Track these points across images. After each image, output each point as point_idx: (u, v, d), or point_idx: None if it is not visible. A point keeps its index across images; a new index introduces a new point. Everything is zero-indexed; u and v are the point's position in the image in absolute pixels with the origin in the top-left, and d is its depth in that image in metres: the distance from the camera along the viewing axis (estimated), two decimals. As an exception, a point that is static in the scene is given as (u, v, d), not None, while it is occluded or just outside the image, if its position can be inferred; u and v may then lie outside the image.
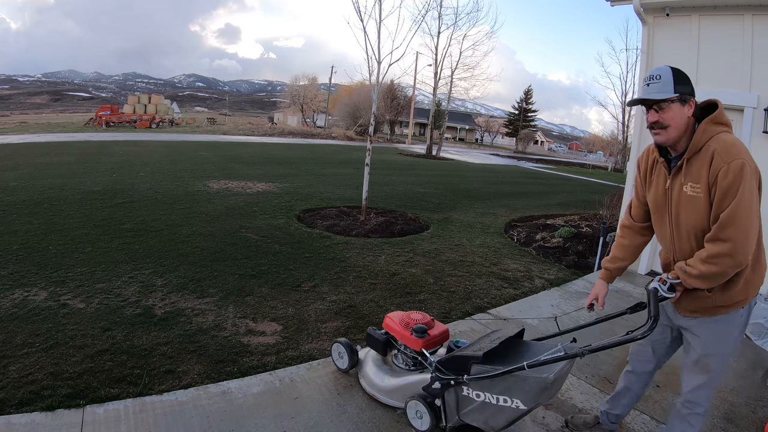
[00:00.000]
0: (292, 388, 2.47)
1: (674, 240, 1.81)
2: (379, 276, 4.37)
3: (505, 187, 13.18)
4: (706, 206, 1.65)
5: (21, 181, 7.79)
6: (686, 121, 1.69)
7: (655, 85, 1.69)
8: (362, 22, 6.20)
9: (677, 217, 1.76)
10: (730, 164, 1.57)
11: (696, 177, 1.66)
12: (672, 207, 1.77)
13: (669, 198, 1.78)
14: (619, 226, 2.10)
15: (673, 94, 1.66)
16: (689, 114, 1.69)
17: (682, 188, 1.72)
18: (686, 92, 1.68)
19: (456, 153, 31.18)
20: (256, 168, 11.85)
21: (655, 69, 1.72)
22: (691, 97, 1.69)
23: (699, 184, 1.65)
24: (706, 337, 1.81)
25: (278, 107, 78.37)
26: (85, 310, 3.15)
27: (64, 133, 20.22)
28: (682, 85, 1.67)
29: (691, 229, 1.72)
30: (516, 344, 2.13)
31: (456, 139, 60.55)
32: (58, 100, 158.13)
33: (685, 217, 1.72)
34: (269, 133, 31.10)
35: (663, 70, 1.70)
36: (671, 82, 1.67)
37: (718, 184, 1.59)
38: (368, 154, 6.62)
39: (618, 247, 2.08)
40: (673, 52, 4.87)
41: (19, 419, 2.03)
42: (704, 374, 1.82)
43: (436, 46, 24.08)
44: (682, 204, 1.73)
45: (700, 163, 1.66)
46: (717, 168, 1.59)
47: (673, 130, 1.70)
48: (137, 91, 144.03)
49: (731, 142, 1.63)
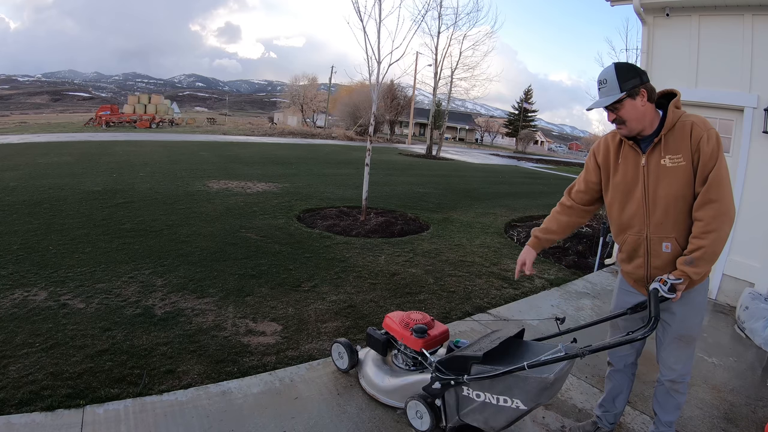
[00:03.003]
0: (292, 388, 2.47)
1: (647, 214, 1.87)
2: (379, 276, 4.37)
3: (505, 187, 13.18)
4: (688, 173, 1.76)
5: (21, 181, 7.79)
6: (643, 110, 1.80)
7: (604, 89, 1.80)
8: (362, 22, 6.21)
9: (654, 191, 1.84)
10: (709, 132, 1.73)
11: (675, 149, 1.78)
12: (649, 182, 1.85)
13: (645, 174, 1.85)
14: (558, 204, 2.20)
15: (620, 93, 1.77)
16: (643, 103, 1.79)
17: (660, 162, 1.81)
18: (634, 85, 1.76)
19: (456, 153, 31.18)
20: (256, 168, 11.85)
21: (602, 72, 1.82)
22: (640, 88, 1.77)
23: (679, 155, 1.77)
24: (684, 312, 1.91)
25: (278, 107, 78.35)
26: (85, 310, 3.15)
27: (64, 133, 20.23)
28: (628, 81, 1.76)
29: (671, 199, 1.80)
30: (516, 344, 2.13)
31: (456, 139, 60.55)
32: (58, 100, 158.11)
33: (665, 188, 1.81)
34: (269, 133, 31.10)
35: (608, 72, 1.79)
36: (616, 82, 1.77)
37: (701, 150, 1.72)
38: (368, 154, 6.62)
39: (554, 222, 2.20)
40: (673, 53, 4.86)
41: (19, 419, 2.03)
42: (689, 345, 1.96)
43: (436, 46, 24.12)
44: (661, 176, 1.81)
45: (677, 136, 1.78)
46: (699, 136, 1.73)
47: (633, 122, 1.81)
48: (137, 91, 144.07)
49: (700, 117, 1.79)
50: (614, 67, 1.79)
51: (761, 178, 4.28)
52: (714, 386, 2.87)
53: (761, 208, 4.26)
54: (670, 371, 1.99)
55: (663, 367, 2.02)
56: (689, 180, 1.76)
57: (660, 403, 2.08)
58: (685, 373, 2.00)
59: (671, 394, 2.03)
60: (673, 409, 2.05)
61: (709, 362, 3.21)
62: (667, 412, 2.06)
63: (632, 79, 1.76)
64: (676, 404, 2.04)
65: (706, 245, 1.71)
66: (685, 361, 1.98)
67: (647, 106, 1.80)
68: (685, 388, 2.03)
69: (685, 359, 1.97)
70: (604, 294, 4.47)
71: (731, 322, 3.99)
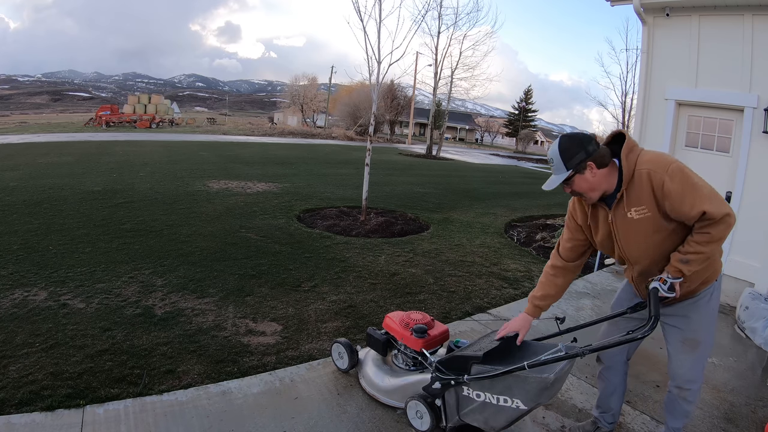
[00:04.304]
0: (292, 388, 2.47)
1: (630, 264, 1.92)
2: (379, 276, 4.37)
3: (505, 187, 13.18)
4: (656, 221, 1.74)
5: (21, 181, 7.79)
6: (595, 180, 1.77)
7: (553, 166, 1.81)
8: (362, 22, 6.21)
9: (628, 244, 1.85)
10: (668, 172, 1.66)
11: (637, 201, 1.74)
12: (619, 237, 1.85)
13: (614, 230, 1.86)
14: (551, 266, 2.11)
15: (566, 172, 1.77)
16: (593, 174, 1.76)
17: (626, 216, 1.78)
18: (579, 161, 1.75)
19: (456, 153, 31.18)
20: (256, 168, 11.85)
21: (550, 149, 1.83)
22: (587, 162, 1.75)
23: (643, 206, 1.74)
24: (690, 315, 1.90)
25: (278, 107, 78.33)
26: (85, 310, 3.15)
27: (64, 133, 20.23)
28: (572, 159, 1.75)
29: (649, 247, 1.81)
30: (516, 344, 2.13)
31: (456, 139, 60.54)
32: (58, 100, 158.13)
33: (635, 238, 1.81)
34: (269, 133, 31.09)
35: (553, 151, 1.80)
36: (561, 162, 1.77)
37: (669, 196, 1.67)
38: (368, 154, 6.62)
39: (552, 286, 2.08)
40: (673, 53, 4.87)
41: (19, 419, 2.03)
42: (694, 350, 1.91)
43: (436, 46, 24.09)
44: (631, 229, 1.80)
45: (637, 188, 1.73)
46: (660, 182, 1.67)
47: (590, 191, 1.80)
48: (137, 91, 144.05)
49: (654, 156, 1.73)
50: (558, 145, 1.79)
51: (761, 178, 4.28)
52: (714, 386, 2.87)
53: (761, 208, 4.26)
54: (675, 376, 1.99)
55: (669, 371, 2.02)
56: (659, 225, 1.74)
57: (667, 407, 2.08)
58: (691, 380, 1.96)
59: (678, 401, 2.01)
60: (681, 416, 2.03)
61: (709, 362, 3.20)
62: (674, 418, 2.05)
63: (576, 155, 1.75)
64: (684, 411, 2.02)
65: (707, 252, 1.70)
66: (689, 366, 1.94)
67: (598, 174, 1.76)
68: (693, 396, 1.98)
69: (689, 365, 1.94)
70: (604, 294, 4.47)
71: (731, 322, 3.99)
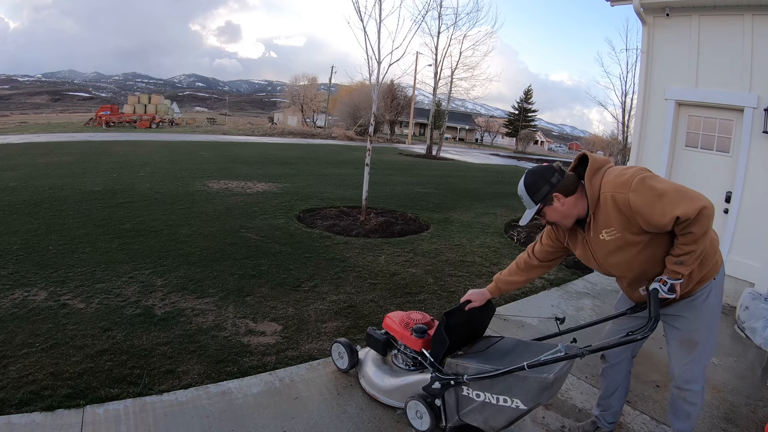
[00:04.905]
0: (292, 388, 2.48)
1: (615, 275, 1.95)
2: (379, 276, 4.37)
3: (505, 187, 13.17)
4: (626, 239, 1.76)
5: (21, 181, 7.79)
6: (564, 209, 1.82)
7: (524, 202, 1.88)
8: (362, 22, 6.20)
9: (607, 263, 1.88)
10: (631, 188, 1.66)
11: (606, 223, 1.77)
12: (598, 257, 1.89)
13: (591, 251, 1.90)
14: (524, 262, 2.19)
15: (535, 206, 1.84)
16: (562, 203, 1.81)
17: (599, 237, 1.82)
18: (545, 194, 1.81)
19: (456, 153, 31.17)
20: (256, 168, 11.85)
21: (518, 188, 1.90)
22: (552, 194, 1.81)
23: (612, 227, 1.76)
24: (687, 315, 1.89)
25: (278, 107, 78.33)
26: (85, 310, 3.15)
27: (64, 133, 20.23)
28: (537, 193, 1.82)
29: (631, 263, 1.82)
30: (516, 344, 2.13)
31: (456, 139, 60.53)
32: (58, 100, 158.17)
33: (614, 257, 1.83)
34: (269, 133, 31.08)
35: (520, 189, 1.87)
36: (529, 198, 1.84)
37: (637, 211, 1.66)
38: (368, 154, 6.62)
39: (519, 275, 2.21)
40: (673, 53, 4.87)
41: (19, 419, 2.03)
42: (692, 350, 1.90)
43: (436, 46, 24.05)
44: (606, 249, 1.83)
45: (604, 211, 1.75)
46: (625, 202, 1.67)
47: (561, 220, 1.86)
48: (137, 91, 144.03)
49: (616, 176, 1.73)
50: (523, 182, 1.85)
51: (761, 178, 4.28)
52: (714, 386, 2.87)
53: (761, 208, 4.26)
54: (674, 376, 1.98)
55: (669, 372, 2.02)
56: (632, 241, 1.75)
57: (670, 408, 2.08)
58: (689, 380, 1.94)
59: (678, 401, 2.01)
60: (683, 417, 2.02)
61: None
62: (677, 419, 2.04)
63: (541, 188, 1.81)
64: (685, 413, 2.00)
65: (697, 249, 1.69)
66: (687, 366, 1.92)
67: (567, 202, 1.81)
68: (694, 397, 1.96)
69: (686, 364, 1.92)
70: (604, 294, 4.47)
71: (731, 322, 3.99)
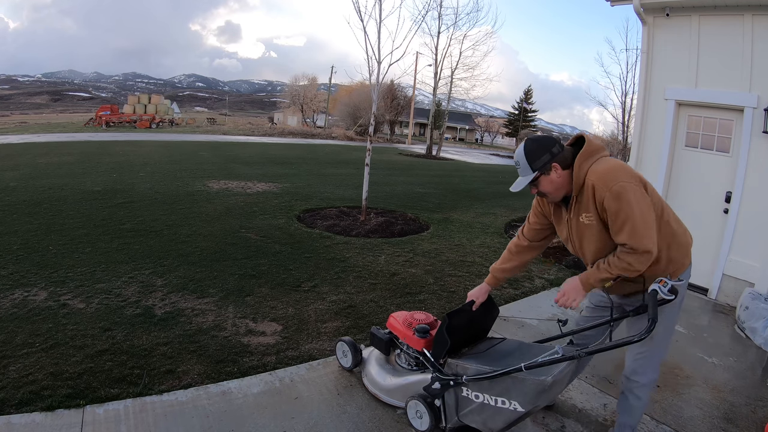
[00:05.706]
0: (292, 388, 2.48)
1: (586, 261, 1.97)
2: (379, 276, 4.37)
3: (505, 187, 13.17)
4: (600, 230, 1.82)
5: (21, 181, 7.79)
6: (560, 181, 1.86)
7: (519, 169, 1.90)
8: (362, 22, 6.20)
9: (581, 245, 1.93)
10: (611, 190, 1.71)
11: (586, 207, 1.83)
12: (574, 237, 1.94)
13: (570, 230, 1.95)
14: (515, 245, 2.22)
15: (532, 174, 1.85)
16: (558, 175, 1.85)
17: (579, 219, 1.88)
18: (544, 163, 1.83)
19: (456, 153, 31.18)
20: (256, 168, 11.85)
21: (516, 153, 1.91)
22: (551, 164, 1.84)
23: (590, 213, 1.82)
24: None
25: (278, 107, 78.31)
26: (85, 310, 3.15)
27: (64, 133, 20.23)
28: (538, 160, 1.84)
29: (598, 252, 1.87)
30: (518, 346, 2.14)
31: (456, 139, 60.52)
32: (58, 100, 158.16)
33: (587, 244, 1.89)
34: (269, 133, 31.07)
35: (519, 154, 1.88)
36: (527, 164, 1.85)
37: (608, 211, 1.74)
38: (368, 154, 6.62)
39: (513, 260, 2.23)
40: (673, 53, 4.86)
41: (19, 419, 2.03)
42: (646, 342, 1.90)
43: (436, 46, 24.02)
44: (582, 232, 1.89)
45: (584, 196, 1.82)
46: (601, 197, 1.74)
47: (553, 192, 1.89)
48: (137, 91, 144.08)
49: (604, 170, 1.77)
50: (524, 148, 1.87)
51: (761, 178, 4.28)
52: (714, 386, 2.87)
53: (761, 209, 4.26)
54: (626, 366, 2.04)
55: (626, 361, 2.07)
56: (603, 235, 1.82)
57: (619, 400, 2.11)
58: (636, 371, 1.98)
59: (625, 393, 2.05)
60: (626, 410, 2.05)
61: (709, 362, 3.21)
62: (622, 411, 2.08)
63: (542, 156, 1.83)
64: (629, 407, 2.03)
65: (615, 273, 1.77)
66: (637, 357, 1.98)
67: (563, 175, 1.85)
68: (640, 391, 1.99)
69: (637, 355, 1.97)
70: (604, 294, 4.46)
71: (731, 322, 3.99)
